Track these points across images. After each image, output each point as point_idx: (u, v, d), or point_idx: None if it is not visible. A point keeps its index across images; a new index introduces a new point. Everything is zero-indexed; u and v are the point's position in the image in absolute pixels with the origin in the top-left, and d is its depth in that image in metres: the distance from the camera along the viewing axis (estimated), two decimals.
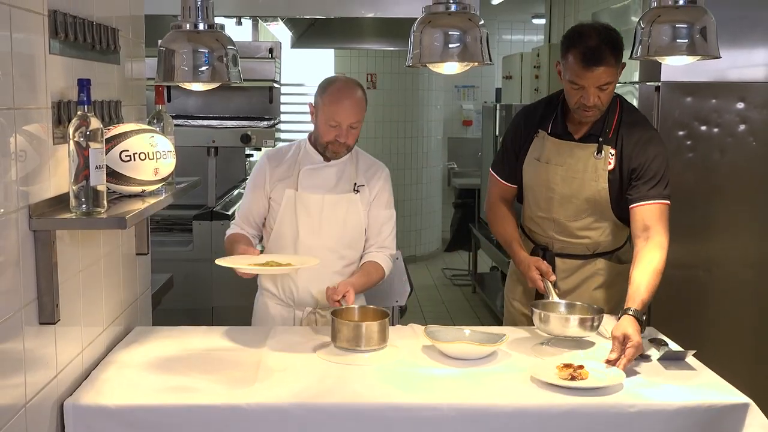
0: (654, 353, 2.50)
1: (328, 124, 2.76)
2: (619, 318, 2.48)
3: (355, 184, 2.87)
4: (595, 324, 2.53)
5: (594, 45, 2.66)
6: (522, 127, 2.99)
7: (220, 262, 2.56)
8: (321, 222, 2.82)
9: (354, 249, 2.90)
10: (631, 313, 2.46)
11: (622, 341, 2.36)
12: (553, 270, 2.87)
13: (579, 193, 2.85)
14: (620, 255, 2.97)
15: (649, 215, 2.72)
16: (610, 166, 2.81)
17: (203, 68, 2.32)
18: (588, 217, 2.87)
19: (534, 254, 2.94)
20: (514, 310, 3.09)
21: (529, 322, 2.81)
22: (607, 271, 2.95)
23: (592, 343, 2.58)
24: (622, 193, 2.82)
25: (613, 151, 2.81)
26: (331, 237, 2.84)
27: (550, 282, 2.75)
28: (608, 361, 2.35)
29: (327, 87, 2.80)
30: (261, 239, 2.98)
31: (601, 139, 2.82)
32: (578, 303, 2.69)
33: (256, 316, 2.98)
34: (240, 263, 2.56)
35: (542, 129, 2.92)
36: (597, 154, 2.82)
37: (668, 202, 2.77)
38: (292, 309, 2.89)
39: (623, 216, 2.86)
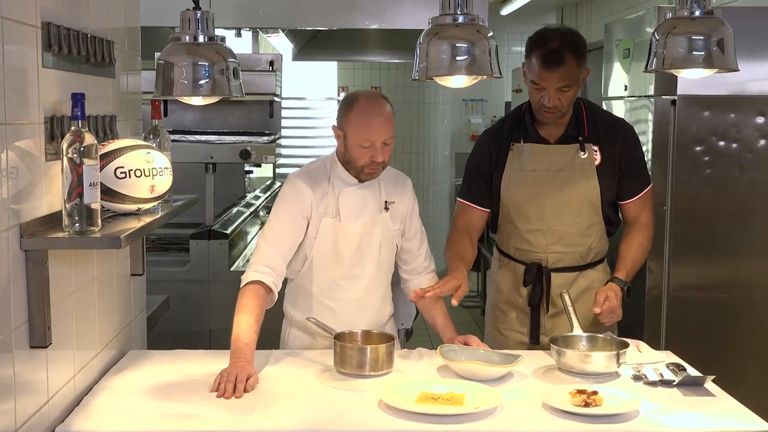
0: (670, 375, 2.43)
1: (360, 147, 2.57)
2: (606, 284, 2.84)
3: (386, 201, 2.74)
4: (620, 361, 2.48)
5: (556, 47, 2.75)
6: (492, 148, 2.98)
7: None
8: (362, 250, 2.70)
9: (390, 270, 2.81)
10: (615, 281, 2.82)
11: (602, 301, 2.74)
12: (549, 286, 2.91)
13: (572, 194, 2.89)
14: (606, 264, 3.04)
15: (640, 206, 2.97)
16: (597, 162, 2.90)
17: (203, 82, 2.29)
18: (583, 220, 2.91)
19: (528, 272, 2.94)
20: (505, 340, 3.02)
21: (526, 350, 2.79)
22: (600, 282, 2.97)
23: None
24: (612, 187, 2.92)
25: (596, 148, 2.91)
26: (372, 262, 2.72)
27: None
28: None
29: (350, 106, 2.60)
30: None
31: (580, 138, 2.89)
32: (600, 336, 2.66)
33: (288, 347, 2.81)
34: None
35: (515, 142, 2.95)
36: (581, 152, 2.88)
37: (651, 183, 3.02)
38: (330, 340, 2.72)
39: (608, 214, 2.95)
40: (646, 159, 3.45)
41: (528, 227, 2.93)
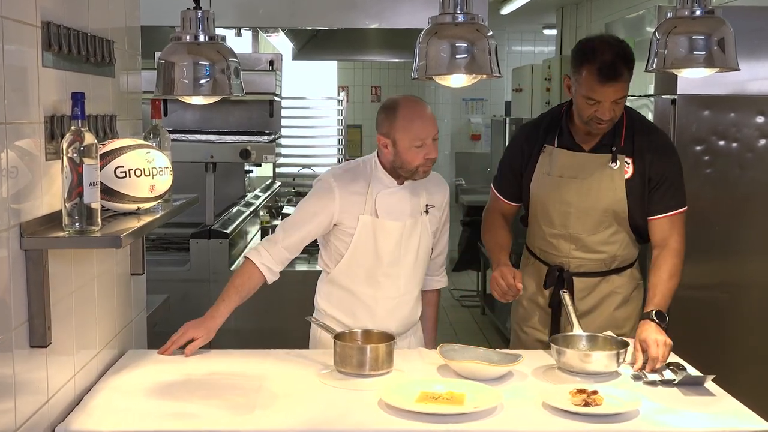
0: (670, 375, 2.42)
1: (412, 147, 2.60)
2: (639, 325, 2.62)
3: (427, 205, 2.78)
4: (620, 360, 2.48)
5: (610, 60, 2.64)
6: (524, 145, 2.96)
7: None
8: (401, 249, 2.72)
9: (424, 273, 2.86)
10: (648, 317, 2.60)
11: (641, 348, 2.51)
12: (572, 291, 2.83)
13: (597, 204, 2.82)
14: (635, 270, 2.96)
15: (669, 226, 2.78)
16: (627, 175, 2.80)
17: (204, 81, 2.28)
18: (606, 229, 2.84)
19: (550, 275, 2.92)
20: (526, 337, 3.01)
21: (545, 349, 2.75)
22: (625, 288, 2.93)
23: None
24: (641, 202, 2.81)
25: (628, 160, 2.81)
26: (409, 263, 2.75)
27: (519, 291, 2.73)
28: (636, 371, 2.47)
29: (394, 113, 2.63)
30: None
31: (614, 149, 2.80)
32: (600, 335, 2.65)
33: (323, 346, 2.78)
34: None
35: (548, 144, 2.89)
36: (612, 163, 2.80)
37: (686, 207, 2.83)
38: None
39: (637, 226, 2.85)
40: None
41: (552, 231, 2.90)
